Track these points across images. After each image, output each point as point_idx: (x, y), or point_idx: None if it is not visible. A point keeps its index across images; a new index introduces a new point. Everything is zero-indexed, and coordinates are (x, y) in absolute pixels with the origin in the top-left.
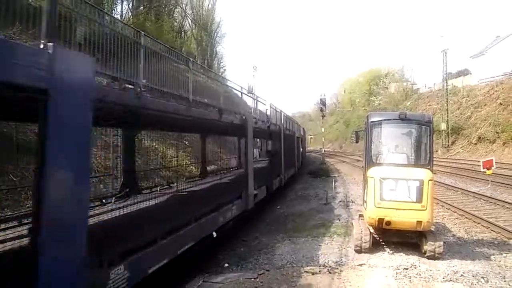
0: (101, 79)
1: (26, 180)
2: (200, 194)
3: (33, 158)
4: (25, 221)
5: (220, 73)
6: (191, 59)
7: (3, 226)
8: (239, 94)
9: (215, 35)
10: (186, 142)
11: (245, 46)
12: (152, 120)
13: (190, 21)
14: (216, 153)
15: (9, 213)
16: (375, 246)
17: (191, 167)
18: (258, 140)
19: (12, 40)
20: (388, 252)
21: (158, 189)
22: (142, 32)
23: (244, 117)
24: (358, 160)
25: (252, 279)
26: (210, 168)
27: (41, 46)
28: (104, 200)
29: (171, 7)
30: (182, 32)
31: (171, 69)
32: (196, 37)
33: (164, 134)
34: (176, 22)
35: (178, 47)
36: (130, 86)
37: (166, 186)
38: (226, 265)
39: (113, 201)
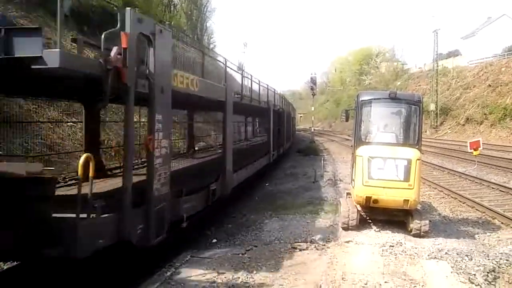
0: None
1: None
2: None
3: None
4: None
5: (210, 49)
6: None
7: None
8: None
9: (205, 9)
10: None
11: (236, 23)
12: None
13: None
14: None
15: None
16: (362, 223)
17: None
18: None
19: None
20: (375, 230)
21: None
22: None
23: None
24: (347, 139)
25: (240, 255)
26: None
27: None
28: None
29: None
30: (172, 6)
31: None
32: (186, 11)
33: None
34: None
35: (168, 22)
36: None
37: None
38: (214, 241)
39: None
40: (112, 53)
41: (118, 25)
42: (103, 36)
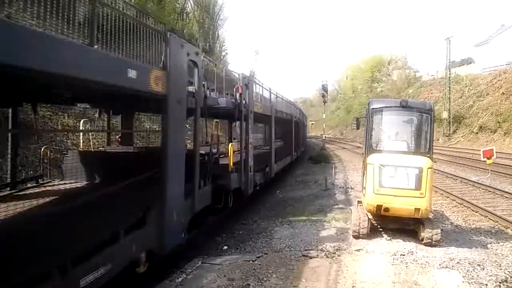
0: None
1: None
2: None
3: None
4: None
5: (222, 57)
6: None
7: None
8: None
9: (217, 17)
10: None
11: (248, 31)
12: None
13: (192, 3)
14: None
15: None
16: (373, 232)
17: None
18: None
19: None
20: (386, 238)
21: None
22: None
23: None
24: (359, 147)
25: (251, 262)
26: None
27: None
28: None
29: None
30: (184, 14)
31: None
32: (198, 19)
33: None
34: (178, 3)
35: (180, 29)
36: None
37: None
38: (225, 247)
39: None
40: (237, 96)
41: (239, 82)
42: (234, 88)
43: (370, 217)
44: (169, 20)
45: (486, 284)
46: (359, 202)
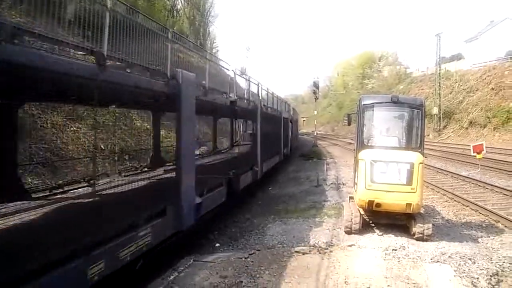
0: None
1: None
2: None
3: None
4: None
5: (213, 54)
6: None
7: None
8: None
9: (208, 14)
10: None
11: (239, 28)
12: None
13: (182, 0)
14: None
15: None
16: (365, 227)
17: None
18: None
19: None
20: (378, 234)
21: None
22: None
23: None
24: (350, 143)
25: (243, 259)
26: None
27: None
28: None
29: None
30: (174, 11)
31: None
32: (189, 16)
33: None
34: (169, 0)
35: (170, 26)
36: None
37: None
38: (217, 245)
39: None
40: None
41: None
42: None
43: (362, 212)
44: (159, 17)
45: (478, 278)
46: (351, 198)
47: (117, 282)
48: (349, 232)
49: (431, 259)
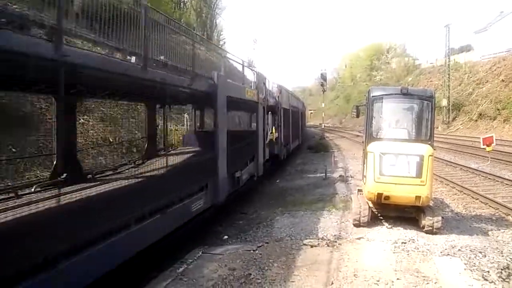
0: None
1: None
2: None
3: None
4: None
5: (220, 46)
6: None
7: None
8: None
9: (215, 6)
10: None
11: (246, 20)
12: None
13: None
14: None
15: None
16: (374, 220)
17: None
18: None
19: None
20: (387, 227)
21: None
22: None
23: None
24: (358, 136)
25: (251, 251)
26: None
27: None
28: None
29: None
30: (181, 3)
31: None
32: (196, 8)
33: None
34: None
35: (177, 19)
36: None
37: None
38: (226, 237)
39: None
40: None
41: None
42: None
43: (371, 205)
44: (166, 9)
45: (488, 271)
46: (359, 190)
47: (127, 274)
48: (357, 225)
49: (441, 252)
